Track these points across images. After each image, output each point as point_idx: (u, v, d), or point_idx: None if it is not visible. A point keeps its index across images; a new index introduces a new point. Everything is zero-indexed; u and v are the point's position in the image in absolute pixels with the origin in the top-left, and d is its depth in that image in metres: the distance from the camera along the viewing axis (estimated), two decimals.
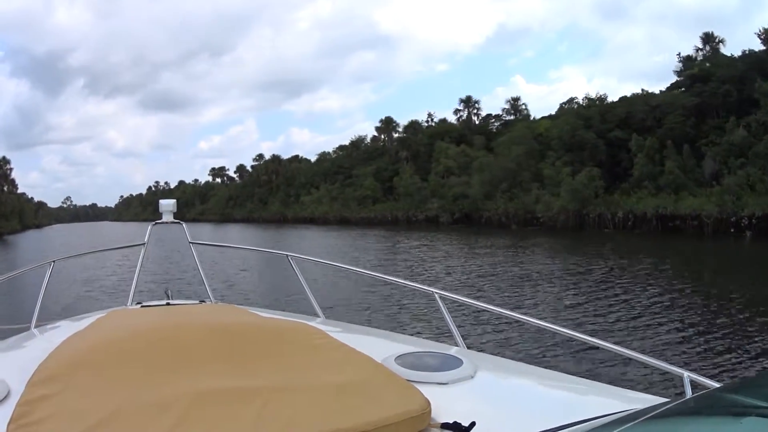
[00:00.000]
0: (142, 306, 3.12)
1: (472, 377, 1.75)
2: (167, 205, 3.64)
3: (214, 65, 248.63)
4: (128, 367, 1.61)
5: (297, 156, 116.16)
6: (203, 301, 3.33)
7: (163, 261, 25.43)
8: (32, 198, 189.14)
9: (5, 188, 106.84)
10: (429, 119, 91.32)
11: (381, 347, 2.00)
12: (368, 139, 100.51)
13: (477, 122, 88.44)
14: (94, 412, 1.36)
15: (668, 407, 1.03)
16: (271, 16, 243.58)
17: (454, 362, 1.82)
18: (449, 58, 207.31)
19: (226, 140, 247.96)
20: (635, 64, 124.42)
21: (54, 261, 3.45)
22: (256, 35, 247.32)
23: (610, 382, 2.05)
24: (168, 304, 3.13)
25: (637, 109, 57.75)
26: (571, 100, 75.36)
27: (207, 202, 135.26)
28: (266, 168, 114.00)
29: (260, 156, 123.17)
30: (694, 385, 1.66)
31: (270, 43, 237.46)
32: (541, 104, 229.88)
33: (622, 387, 1.90)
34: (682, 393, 1.62)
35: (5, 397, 1.59)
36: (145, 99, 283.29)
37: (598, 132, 59.29)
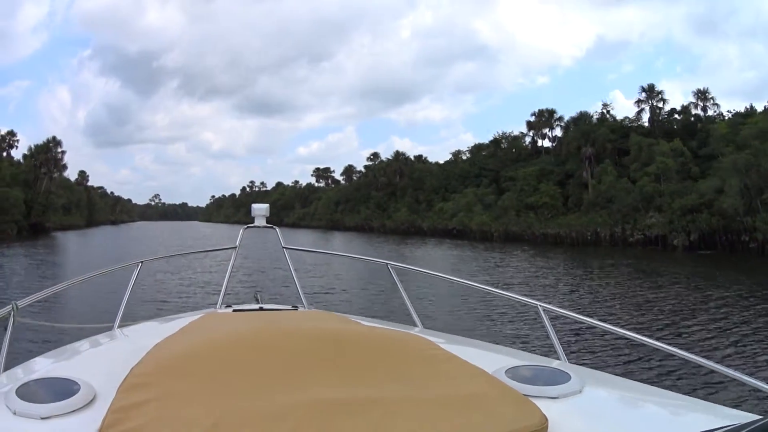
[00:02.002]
0: (234, 310, 3.05)
1: (580, 392, 1.70)
2: (260, 209, 3.59)
3: (313, 71, 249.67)
4: (230, 375, 1.52)
5: (421, 156, 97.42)
6: (296, 307, 3.24)
7: (251, 265, 24.33)
8: (111, 192, 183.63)
9: (56, 175, 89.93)
10: (604, 110, 71.16)
11: (487, 359, 1.91)
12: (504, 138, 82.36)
13: (661, 116, 68.35)
14: (195, 422, 1.28)
15: (762, 423, 1.04)
16: (371, 24, 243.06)
17: (563, 376, 1.76)
18: (550, 71, 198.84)
19: (326, 147, 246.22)
20: (728, 80, 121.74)
21: (142, 261, 3.31)
22: (356, 42, 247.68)
23: (706, 398, 1.99)
24: (261, 308, 3.05)
25: None
26: None
27: (309, 205, 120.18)
28: (386, 168, 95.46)
29: (375, 155, 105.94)
30: None
31: (370, 51, 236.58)
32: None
33: (722, 404, 1.85)
34: None
35: (92, 401, 1.49)
36: (241, 102, 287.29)
37: None
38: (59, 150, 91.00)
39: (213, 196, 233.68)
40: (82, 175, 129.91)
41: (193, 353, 1.66)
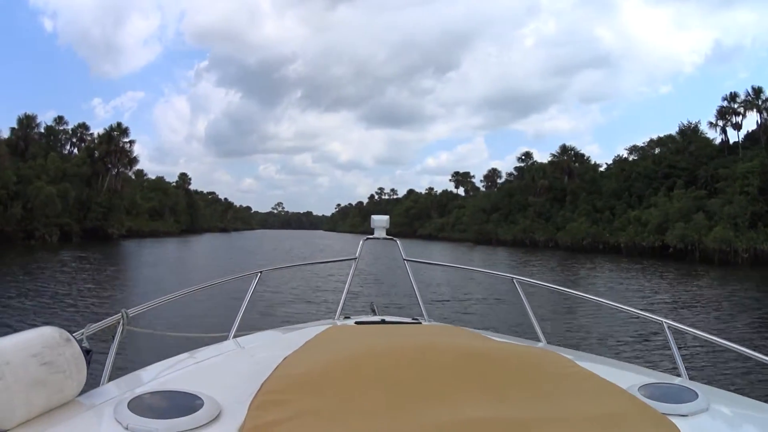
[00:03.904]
0: (356, 322, 2.97)
1: (707, 410, 1.67)
2: (380, 221, 3.62)
3: (439, 81, 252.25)
4: (366, 392, 1.45)
5: (583, 155, 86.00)
6: (417, 319, 3.15)
7: (364, 275, 24.47)
8: (225, 198, 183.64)
9: (122, 169, 71.65)
10: None
11: (617, 376, 1.83)
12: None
13: None
14: None
15: None
16: (495, 33, 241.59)
17: (690, 394, 1.74)
18: (672, 79, 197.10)
19: (455, 157, 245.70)
20: None
21: (261, 271, 3.26)
22: (481, 52, 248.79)
23: None
24: (383, 321, 3.00)
25: None
26: None
27: (448, 214, 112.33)
28: (548, 167, 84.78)
29: (527, 154, 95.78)
30: None
31: (495, 60, 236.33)
32: None
33: None
34: None
35: (217, 417, 1.38)
36: (368, 113, 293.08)
37: None
38: (125, 140, 71.22)
39: (338, 205, 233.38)
40: (183, 177, 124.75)
41: (325, 369, 1.58)
